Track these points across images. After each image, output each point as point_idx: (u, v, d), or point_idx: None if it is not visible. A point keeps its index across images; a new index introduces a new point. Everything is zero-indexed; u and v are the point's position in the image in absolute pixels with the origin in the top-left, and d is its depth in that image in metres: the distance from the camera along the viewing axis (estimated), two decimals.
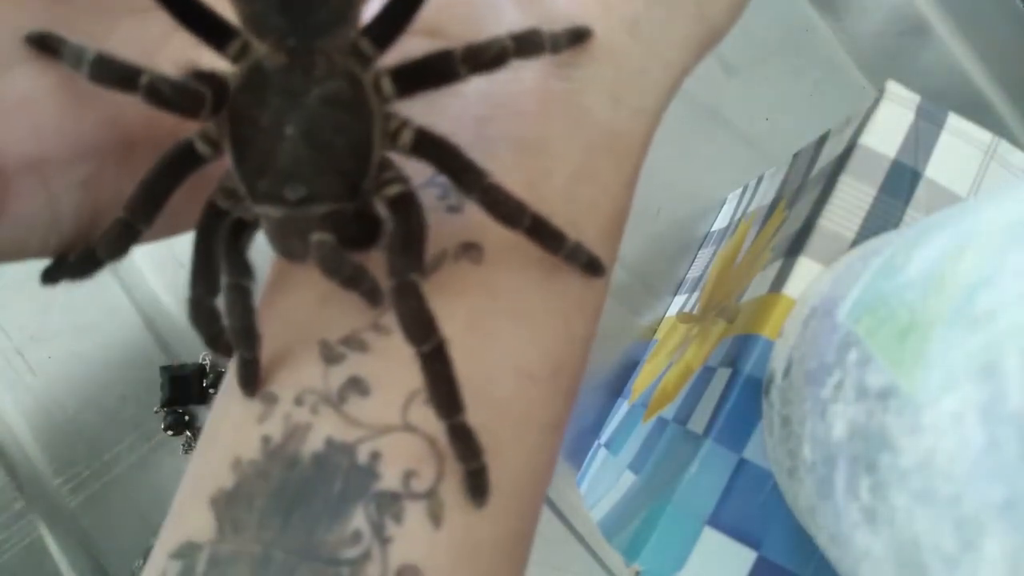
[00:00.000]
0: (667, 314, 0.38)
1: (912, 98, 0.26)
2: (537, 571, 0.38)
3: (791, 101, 0.40)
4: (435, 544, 0.15)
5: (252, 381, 0.15)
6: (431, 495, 0.15)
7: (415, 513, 0.15)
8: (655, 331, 0.38)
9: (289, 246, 0.15)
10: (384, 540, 0.14)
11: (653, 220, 0.39)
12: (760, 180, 0.36)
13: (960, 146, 0.26)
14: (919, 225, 0.21)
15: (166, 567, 0.15)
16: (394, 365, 0.15)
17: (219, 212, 0.15)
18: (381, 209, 0.15)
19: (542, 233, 0.15)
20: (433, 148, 0.15)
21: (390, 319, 0.15)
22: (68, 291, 0.37)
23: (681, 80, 0.19)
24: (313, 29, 0.14)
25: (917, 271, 0.18)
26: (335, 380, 0.15)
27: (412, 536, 0.14)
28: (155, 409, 0.36)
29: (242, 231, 0.15)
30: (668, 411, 0.28)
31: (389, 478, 0.15)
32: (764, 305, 0.25)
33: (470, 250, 0.16)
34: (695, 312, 0.34)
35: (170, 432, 0.36)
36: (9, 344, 0.36)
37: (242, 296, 0.15)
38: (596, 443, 0.36)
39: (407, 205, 0.15)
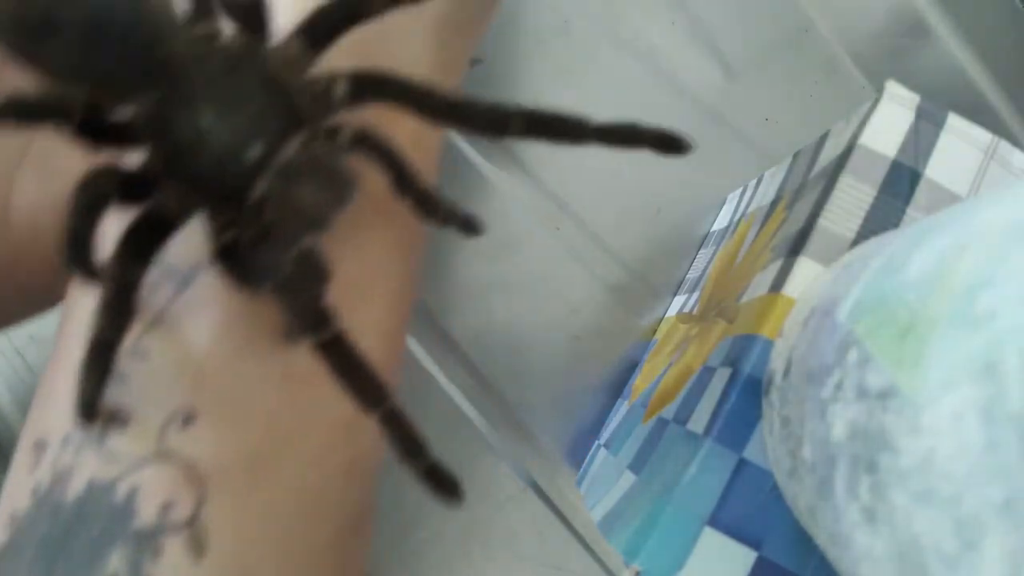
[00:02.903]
0: (667, 314, 0.38)
1: (912, 98, 0.26)
2: (537, 571, 0.38)
3: (791, 101, 0.40)
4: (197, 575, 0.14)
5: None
6: (192, 523, 0.14)
7: (174, 546, 0.14)
8: (655, 331, 0.38)
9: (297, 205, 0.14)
10: None
11: (653, 220, 0.39)
12: (760, 180, 0.36)
13: (960, 146, 0.26)
14: (919, 225, 0.21)
15: None
16: (151, 390, 0.14)
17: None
18: (347, 161, 0.15)
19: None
20: (378, 85, 0.14)
21: (147, 341, 0.14)
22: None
23: None
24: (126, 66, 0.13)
25: (917, 271, 0.18)
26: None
27: (170, 572, 0.13)
28: None
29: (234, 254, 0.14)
30: (668, 411, 0.28)
31: (146, 513, 0.14)
32: (764, 305, 0.25)
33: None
34: (695, 312, 0.34)
35: None
36: (9, 344, 0.36)
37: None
38: (596, 443, 0.36)
39: (368, 138, 0.14)
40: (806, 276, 0.25)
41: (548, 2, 0.40)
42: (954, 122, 0.26)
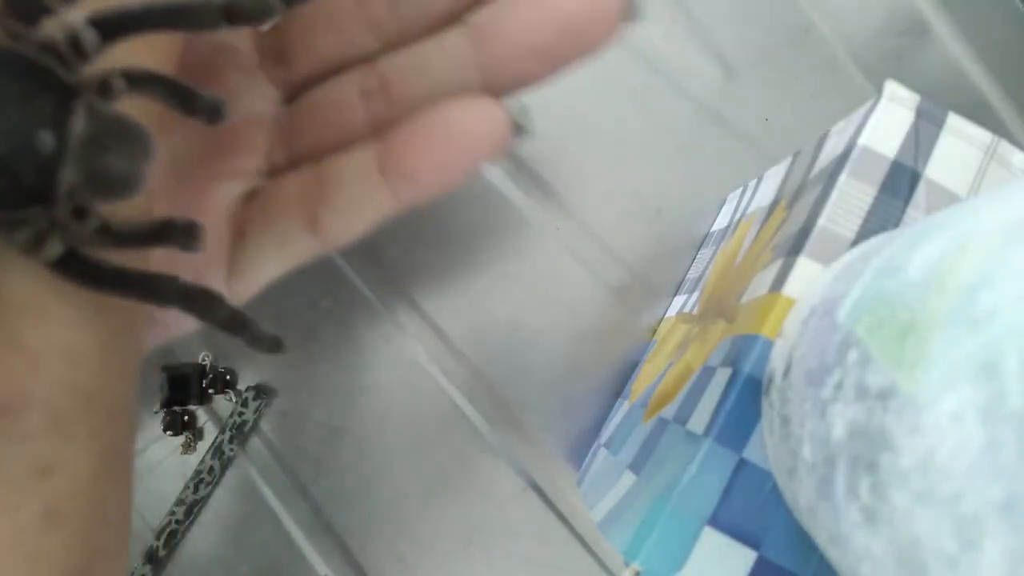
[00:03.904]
0: (667, 314, 0.38)
1: (912, 98, 0.26)
2: (537, 571, 0.38)
3: (791, 101, 0.40)
4: None
5: None
6: None
7: None
8: (655, 331, 0.38)
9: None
10: None
11: (653, 220, 0.39)
12: (760, 180, 0.36)
13: (960, 146, 0.26)
14: (919, 225, 0.21)
15: None
16: None
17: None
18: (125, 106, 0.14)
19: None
20: (122, 19, 0.13)
21: None
22: None
23: None
24: None
25: (917, 271, 0.18)
26: None
27: None
28: (154, 410, 0.36)
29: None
30: (668, 411, 0.28)
31: None
32: (764, 305, 0.25)
33: None
34: (695, 312, 0.34)
35: (169, 432, 0.36)
36: None
37: None
38: (596, 443, 0.36)
39: (137, 73, 0.13)
40: (806, 276, 0.25)
41: None
42: (954, 122, 0.26)
